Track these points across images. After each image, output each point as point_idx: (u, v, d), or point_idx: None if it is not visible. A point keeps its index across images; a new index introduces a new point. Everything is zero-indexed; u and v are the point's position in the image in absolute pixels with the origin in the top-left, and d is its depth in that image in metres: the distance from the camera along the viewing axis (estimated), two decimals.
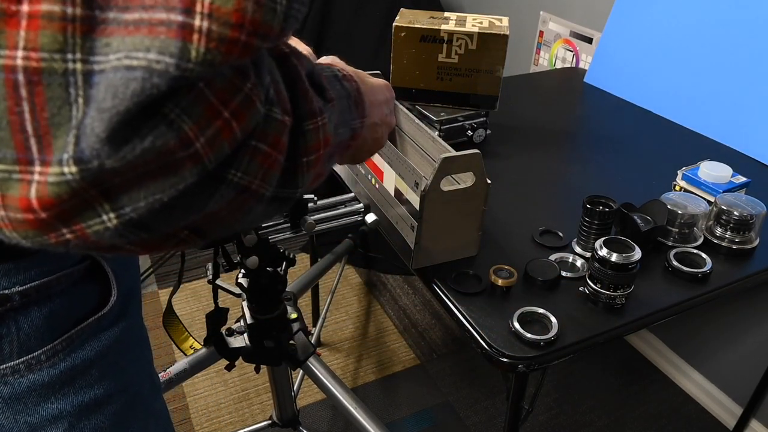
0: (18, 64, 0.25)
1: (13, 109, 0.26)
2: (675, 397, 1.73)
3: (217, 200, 0.32)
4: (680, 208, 0.94)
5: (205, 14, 0.27)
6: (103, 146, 0.27)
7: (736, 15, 1.31)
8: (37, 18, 0.25)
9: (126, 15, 0.26)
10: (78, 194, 0.28)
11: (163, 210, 0.30)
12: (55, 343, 0.48)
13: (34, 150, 0.27)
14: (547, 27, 1.91)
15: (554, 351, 0.77)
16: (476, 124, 1.23)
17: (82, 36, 0.26)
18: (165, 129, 0.28)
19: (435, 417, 1.67)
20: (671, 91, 1.42)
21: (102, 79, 0.26)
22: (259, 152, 0.33)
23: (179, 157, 0.29)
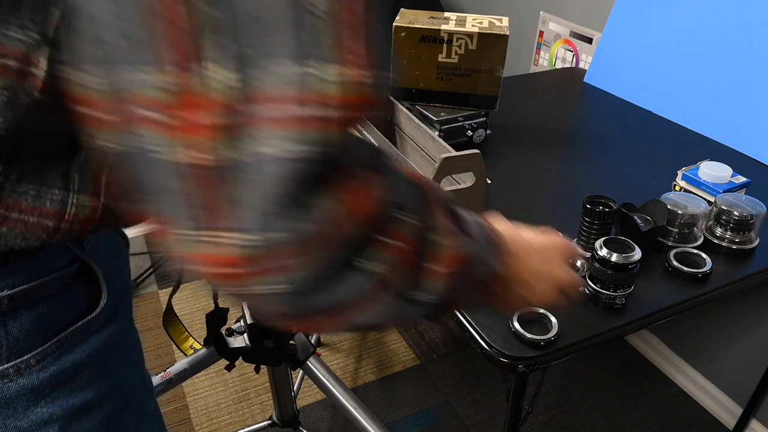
0: (195, 162, 0.31)
1: (185, 191, 0.32)
2: (675, 397, 1.73)
3: (348, 285, 0.37)
4: (680, 208, 0.94)
5: (337, 105, 0.31)
6: (272, 223, 0.32)
7: (736, 15, 1.31)
8: (203, 129, 0.30)
9: (274, 112, 0.30)
10: (250, 261, 0.33)
11: (312, 286, 0.35)
12: (45, 346, 0.48)
13: (214, 218, 0.32)
14: (547, 27, 1.91)
15: (554, 351, 0.77)
16: (476, 124, 1.23)
17: (239, 135, 0.30)
18: (318, 211, 0.33)
19: (435, 417, 1.67)
20: (671, 91, 1.42)
21: (262, 166, 0.31)
22: (385, 246, 0.37)
23: (327, 236, 0.34)
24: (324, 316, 0.38)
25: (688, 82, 1.39)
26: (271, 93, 0.30)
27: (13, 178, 0.42)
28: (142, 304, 2.04)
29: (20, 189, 0.42)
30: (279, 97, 0.30)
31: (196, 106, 0.30)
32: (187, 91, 0.30)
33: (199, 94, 0.30)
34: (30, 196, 0.43)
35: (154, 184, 0.33)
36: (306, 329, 0.41)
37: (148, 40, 0.29)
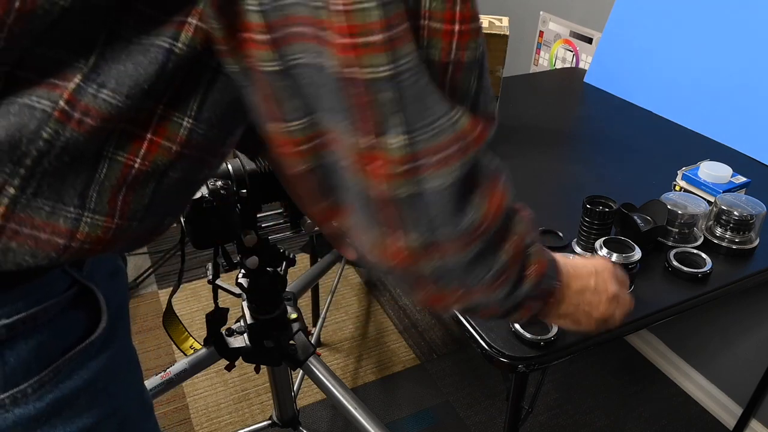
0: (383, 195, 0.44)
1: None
2: (675, 398, 1.73)
3: (484, 269, 0.49)
4: (680, 208, 0.94)
5: (467, 135, 0.45)
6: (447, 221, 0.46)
7: (736, 15, 1.31)
8: (383, 174, 0.44)
9: (435, 158, 0.43)
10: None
11: (458, 271, 0.49)
12: (42, 375, 0.47)
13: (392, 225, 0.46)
14: (547, 27, 1.91)
15: (554, 351, 0.77)
16: None
17: (413, 179, 0.43)
18: (476, 206, 0.47)
19: (435, 417, 1.67)
20: (671, 91, 1.42)
21: (432, 194, 0.44)
22: (507, 239, 0.51)
23: (478, 228, 0.47)
24: (457, 293, 0.49)
25: (688, 82, 1.39)
26: (431, 146, 0.43)
27: (29, 192, 0.41)
28: (142, 304, 2.04)
29: (35, 204, 0.42)
30: (436, 147, 0.43)
31: (379, 160, 0.42)
32: (372, 151, 0.42)
33: (381, 153, 0.42)
34: (44, 212, 0.42)
35: (343, 196, 0.46)
36: (437, 302, 0.50)
37: (347, 111, 0.41)
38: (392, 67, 0.40)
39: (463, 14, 0.42)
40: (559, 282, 0.58)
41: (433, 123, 0.42)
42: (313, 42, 0.39)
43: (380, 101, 0.41)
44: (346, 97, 0.41)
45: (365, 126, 0.41)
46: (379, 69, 0.39)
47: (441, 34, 0.41)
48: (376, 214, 0.45)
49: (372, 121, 0.41)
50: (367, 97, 0.40)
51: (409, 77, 0.41)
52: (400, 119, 0.41)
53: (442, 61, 0.42)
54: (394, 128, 0.41)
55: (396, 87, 0.40)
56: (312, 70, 0.40)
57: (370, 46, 0.39)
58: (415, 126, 0.42)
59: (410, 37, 0.40)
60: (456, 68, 0.43)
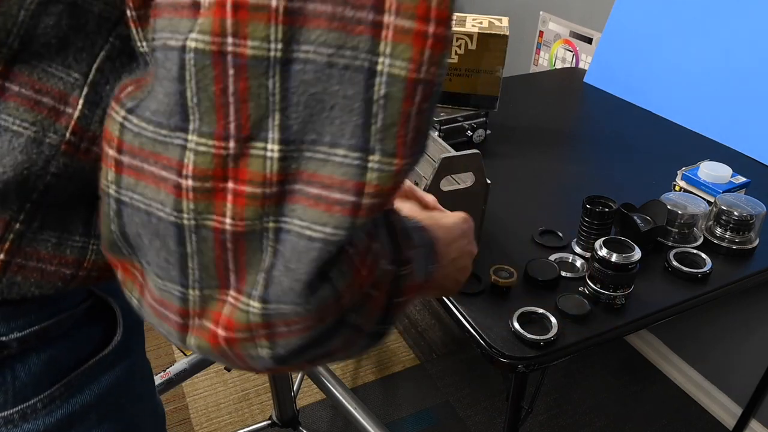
0: (227, 228, 0.32)
1: (220, 257, 0.33)
2: (675, 398, 1.73)
3: (340, 339, 0.38)
4: (680, 208, 0.94)
5: (371, 194, 0.32)
6: (286, 296, 0.33)
7: (737, 15, 1.31)
8: (242, 196, 0.31)
9: (309, 189, 0.32)
10: (251, 329, 0.34)
11: (303, 349, 0.36)
12: (53, 389, 0.46)
13: (232, 281, 0.33)
14: (547, 27, 1.91)
15: (554, 351, 0.77)
16: (476, 125, 1.23)
17: (276, 205, 0.32)
18: (329, 291, 0.34)
19: (435, 417, 1.67)
20: (671, 91, 1.42)
21: (289, 238, 0.32)
22: (371, 298, 0.38)
23: (331, 311, 0.35)
24: (307, 364, 0.39)
25: (688, 82, 1.39)
26: (317, 174, 0.32)
27: (35, 226, 0.40)
28: None
29: (41, 237, 0.40)
30: (329, 181, 0.32)
31: (237, 174, 0.31)
32: (231, 160, 0.31)
33: (244, 164, 0.31)
34: (51, 244, 0.41)
35: (149, 239, 0.34)
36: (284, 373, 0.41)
37: (207, 108, 0.31)
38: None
39: (440, 12, 0.30)
40: (432, 271, 0.52)
41: (342, 148, 0.32)
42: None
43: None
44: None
45: (235, 123, 0.32)
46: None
47: (411, 37, 0.30)
48: (203, 259, 0.33)
49: (245, 119, 0.32)
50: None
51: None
52: (290, 124, 0.31)
53: (408, 78, 0.31)
54: (276, 133, 0.32)
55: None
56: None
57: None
58: (314, 137, 0.32)
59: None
60: (424, 94, 0.32)
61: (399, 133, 0.32)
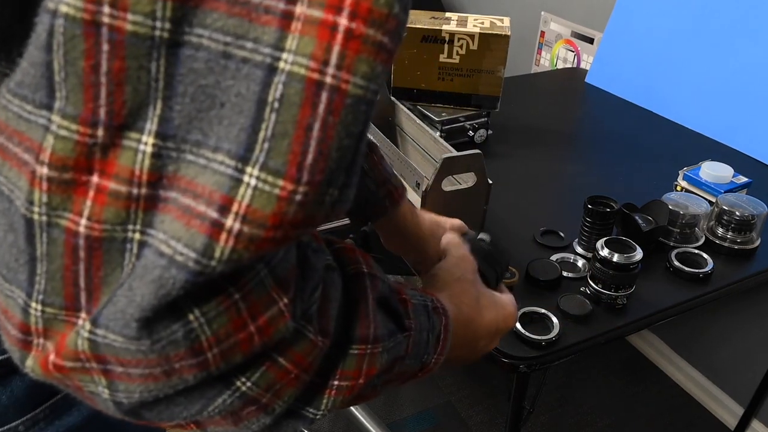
0: (81, 231, 0.27)
1: (69, 267, 0.27)
2: (676, 397, 1.73)
3: (219, 405, 0.31)
4: (681, 208, 0.94)
5: (239, 215, 0.26)
6: (116, 322, 0.27)
7: (737, 15, 1.31)
8: (105, 194, 0.26)
9: (182, 198, 0.26)
10: (80, 359, 0.28)
11: (156, 403, 0.30)
12: (36, 412, 0.44)
13: (82, 301, 0.28)
14: (549, 27, 1.91)
15: (556, 351, 0.77)
16: (477, 125, 1.23)
17: (144, 211, 0.27)
18: (181, 336, 0.27)
19: (437, 417, 1.67)
20: (672, 92, 1.42)
21: (147, 254, 0.26)
22: (277, 366, 0.31)
23: (184, 364, 0.28)
24: (188, 425, 0.33)
25: (690, 83, 1.39)
26: (195, 182, 0.26)
27: None
28: None
29: None
30: (201, 190, 0.26)
31: (104, 167, 0.26)
32: (98, 150, 0.26)
33: (113, 156, 0.26)
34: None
35: (4, 231, 0.28)
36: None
37: (74, 86, 0.26)
38: None
39: (366, 5, 0.25)
40: (427, 361, 0.44)
41: (223, 154, 0.27)
42: None
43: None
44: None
45: (105, 107, 0.27)
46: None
47: (316, 29, 0.25)
48: (53, 267, 0.28)
49: (117, 104, 0.27)
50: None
51: None
52: (172, 116, 0.27)
53: (308, 79, 0.26)
54: (155, 125, 0.27)
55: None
56: None
57: None
58: (197, 137, 0.27)
59: None
60: (332, 105, 0.26)
61: (292, 149, 0.26)
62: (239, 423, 0.33)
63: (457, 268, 0.53)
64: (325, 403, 0.36)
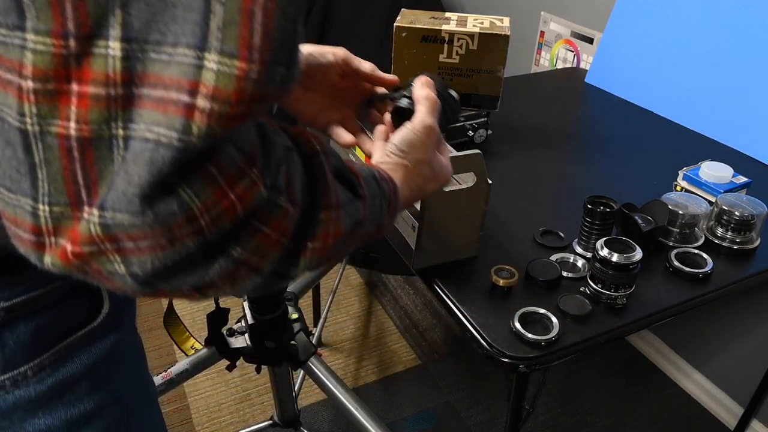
0: (71, 133, 0.31)
1: (67, 167, 0.32)
2: (676, 398, 1.73)
3: (217, 270, 0.36)
4: (681, 208, 0.94)
5: (208, 95, 0.31)
6: (120, 203, 0.31)
7: (738, 15, 1.31)
8: (86, 98, 0.30)
9: (154, 92, 0.31)
10: (95, 242, 0.33)
11: (166, 272, 0.35)
12: (42, 358, 0.47)
13: (83, 196, 0.32)
14: (548, 27, 1.91)
15: (555, 351, 0.77)
16: (477, 125, 1.23)
17: (123, 109, 0.31)
18: (176, 207, 0.32)
19: (436, 417, 1.67)
20: (672, 91, 1.42)
21: (133, 144, 0.31)
22: (259, 232, 0.37)
23: (184, 231, 0.33)
24: (175, 294, 0.38)
25: (690, 82, 1.39)
26: (162, 76, 0.30)
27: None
28: (143, 305, 2.04)
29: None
30: (169, 81, 0.30)
31: (80, 75, 0.30)
32: (73, 60, 0.30)
33: (87, 64, 0.30)
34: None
35: (2, 148, 0.32)
36: (156, 298, 0.40)
37: (42, 4, 0.29)
38: None
39: None
40: (382, 222, 0.51)
41: (183, 47, 0.31)
42: None
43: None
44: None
45: (73, 19, 0.31)
46: None
47: None
48: (52, 169, 0.32)
49: (84, 15, 0.30)
50: None
51: None
52: (131, 21, 0.30)
53: None
54: (120, 30, 0.30)
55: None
56: None
57: None
58: (157, 36, 0.31)
59: None
60: None
61: (241, 33, 0.31)
62: (235, 284, 0.38)
63: (419, 147, 0.59)
64: (303, 263, 0.42)
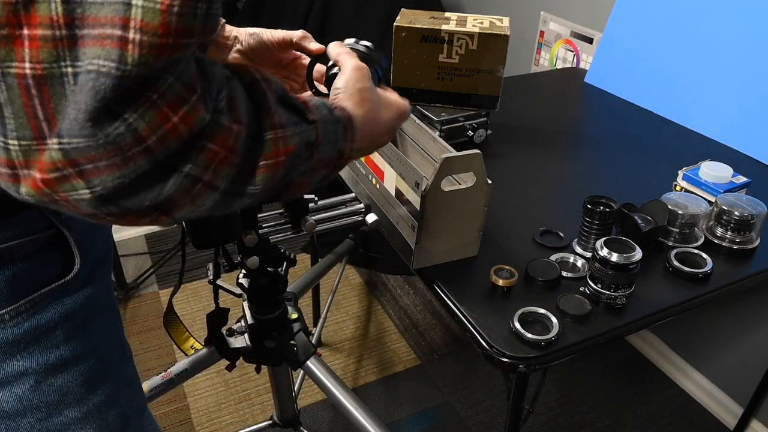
0: (27, 72, 0.36)
1: (27, 104, 0.36)
2: (676, 398, 1.73)
3: (174, 186, 0.40)
4: (681, 208, 0.94)
5: (137, 29, 0.35)
6: (72, 129, 0.36)
7: (737, 15, 1.31)
8: (36, 39, 0.35)
9: (93, 30, 0.35)
10: (58, 168, 0.37)
11: (126, 189, 0.39)
12: (18, 304, 0.52)
13: (45, 130, 0.37)
14: (548, 27, 1.91)
15: (555, 351, 0.77)
16: (477, 125, 1.23)
17: (69, 48, 0.35)
18: (124, 129, 0.37)
19: (436, 417, 1.67)
20: (672, 91, 1.42)
21: (79, 78, 0.35)
22: (206, 149, 0.41)
23: (135, 150, 0.37)
24: (141, 215, 0.41)
25: (689, 82, 1.39)
26: (98, 16, 0.35)
27: None
28: (143, 304, 2.04)
29: None
30: (105, 20, 0.35)
31: (29, 20, 0.35)
32: (21, 7, 0.35)
33: (34, 9, 0.35)
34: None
35: None
36: (133, 225, 0.43)
37: None
38: None
39: None
40: (341, 145, 0.55)
41: None
42: None
43: None
44: None
45: None
46: None
47: None
48: (17, 107, 0.37)
49: None
50: None
51: None
52: None
53: None
54: None
55: None
56: None
57: None
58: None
59: None
60: None
61: None
62: (195, 201, 0.42)
63: (356, 79, 0.63)
64: (260, 180, 0.46)
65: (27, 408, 0.55)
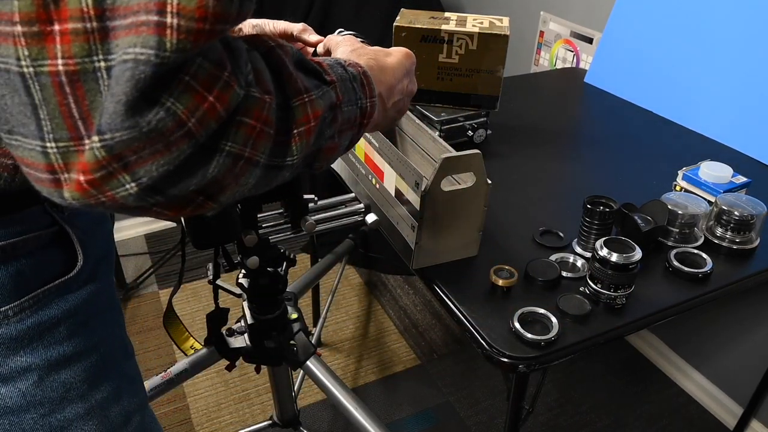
0: (60, 69, 0.34)
1: (62, 102, 0.35)
2: (676, 398, 1.73)
3: (216, 167, 0.40)
4: (681, 208, 0.94)
5: (174, 13, 0.34)
6: (114, 122, 0.35)
7: (737, 15, 1.31)
8: (67, 34, 0.34)
9: (124, 21, 0.34)
10: (103, 166, 0.36)
11: (171, 176, 0.38)
12: (22, 300, 0.52)
13: (81, 129, 0.36)
14: (548, 27, 1.91)
15: (555, 351, 0.77)
16: (477, 125, 1.23)
17: (101, 42, 0.34)
18: (164, 114, 0.36)
19: (436, 417, 1.67)
20: (672, 91, 1.42)
21: (114, 71, 0.34)
22: (244, 124, 0.40)
23: (177, 135, 0.37)
24: (187, 202, 0.41)
25: (689, 82, 1.39)
26: (129, 5, 0.34)
27: None
28: (143, 304, 2.04)
29: None
30: (137, 7, 0.34)
31: (59, 15, 0.34)
32: (51, 1, 0.34)
33: (63, 3, 0.34)
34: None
35: (11, 97, 0.36)
36: (179, 215, 0.42)
37: None
38: None
39: None
40: (363, 103, 0.55)
41: None
42: None
43: None
44: None
45: None
46: None
47: None
48: (53, 108, 0.36)
49: None
50: None
51: None
52: None
53: None
54: None
55: None
56: None
57: None
58: None
59: None
60: None
61: None
62: (239, 180, 0.42)
63: (349, 44, 0.65)
64: (296, 149, 0.45)
65: (30, 404, 0.55)
